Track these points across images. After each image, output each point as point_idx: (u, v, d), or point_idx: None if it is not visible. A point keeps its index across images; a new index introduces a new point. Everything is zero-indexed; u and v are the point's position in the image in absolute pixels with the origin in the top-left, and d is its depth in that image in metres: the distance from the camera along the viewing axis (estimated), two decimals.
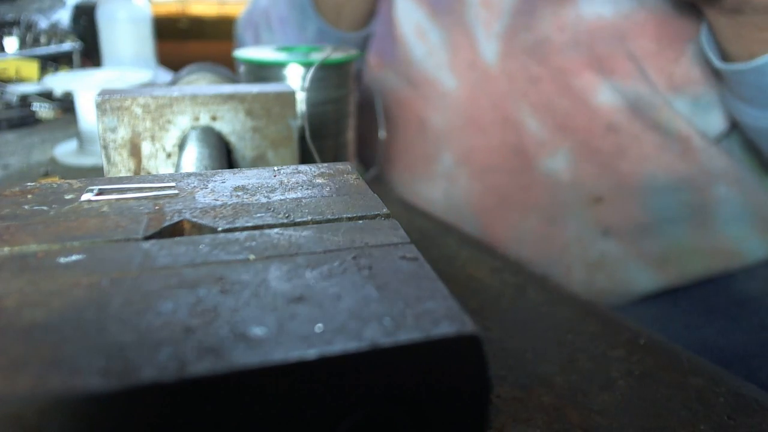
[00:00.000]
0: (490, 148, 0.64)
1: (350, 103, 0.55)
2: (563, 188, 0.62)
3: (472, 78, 0.63)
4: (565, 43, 0.58)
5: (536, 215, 0.64)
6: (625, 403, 0.30)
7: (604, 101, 0.58)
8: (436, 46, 0.65)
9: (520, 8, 0.59)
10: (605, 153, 0.59)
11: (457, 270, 0.45)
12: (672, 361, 0.34)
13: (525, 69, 0.60)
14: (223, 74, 0.63)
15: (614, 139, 0.58)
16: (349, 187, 0.24)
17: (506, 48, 0.60)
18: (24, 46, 1.24)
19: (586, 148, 0.60)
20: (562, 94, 0.59)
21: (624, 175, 0.59)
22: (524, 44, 0.59)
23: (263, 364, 0.13)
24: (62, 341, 0.14)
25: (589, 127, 0.59)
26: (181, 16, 2.31)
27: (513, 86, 0.61)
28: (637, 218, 0.60)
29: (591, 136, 0.59)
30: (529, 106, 0.61)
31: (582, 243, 0.63)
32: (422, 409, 0.14)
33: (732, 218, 0.59)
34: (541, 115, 0.61)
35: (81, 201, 0.22)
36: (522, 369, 0.33)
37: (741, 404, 0.30)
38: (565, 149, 0.61)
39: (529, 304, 0.40)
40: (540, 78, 0.60)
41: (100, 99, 0.35)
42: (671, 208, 0.60)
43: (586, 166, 0.60)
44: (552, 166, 0.62)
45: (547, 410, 0.30)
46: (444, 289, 0.16)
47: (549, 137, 0.61)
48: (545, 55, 0.59)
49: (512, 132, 0.62)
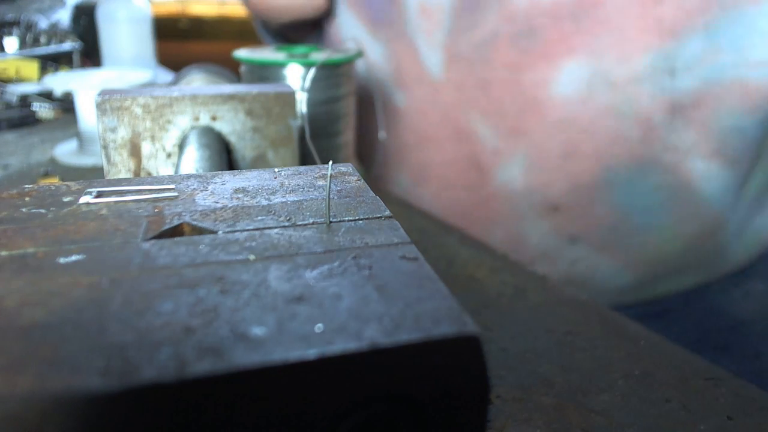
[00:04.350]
0: (445, 163, 0.62)
1: (350, 103, 0.55)
2: (520, 198, 0.60)
3: (420, 92, 0.61)
4: (517, 34, 0.55)
5: (499, 230, 0.61)
6: (625, 403, 0.30)
7: (556, 93, 0.55)
8: (378, 61, 0.63)
9: (462, 7, 0.57)
10: (556, 155, 0.57)
11: (457, 270, 0.45)
12: (672, 361, 0.34)
13: (472, 74, 0.58)
14: (223, 75, 0.63)
15: (565, 136, 0.56)
16: (351, 189, 0.24)
17: (450, 55, 0.58)
18: (24, 46, 1.24)
19: (538, 151, 0.57)
20: (513, 94, 0.57)
21: (577, 177, 0.57)
22: (470, 47, 0.57)
23: (263, 364, 0.13)
24: (62, 341, 0.14)
25: (541, 127, 0.56)
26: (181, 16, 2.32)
27: (461, 95, 0.59)
28: (603, 218, 0.58)
29: (542, 136, 0.57)
30: (479, 113, 0.58)
31: (548, 255, 0.60)
32: (422, 409, 0.14)
33: (720, 193, 0.56)
34: (492, 122, 0.58)
35: (79, 203, 0.22)
36: (522, 369, 0.33)
37: (741, 404, 0.30)
38: (519, 155, 0.58)
39: (529, 304, 0.40)
40: (488, 81, 0.57)
41: (100, 99, 0.35)
42: (641, 196, 0.57)
43: (537, 173, 0.58)
44: (508, 175, 0.59)
45: (547, 410, 0.30)
46: (444, 289, 0.16)
47: (503, 144, 0.58)
48: (493, 54, 0.57)
49: (466, 144, 0.60)
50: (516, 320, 0.38)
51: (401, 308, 0.15)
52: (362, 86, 0.63)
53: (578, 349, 0.35)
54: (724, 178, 0.55)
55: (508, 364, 0.34)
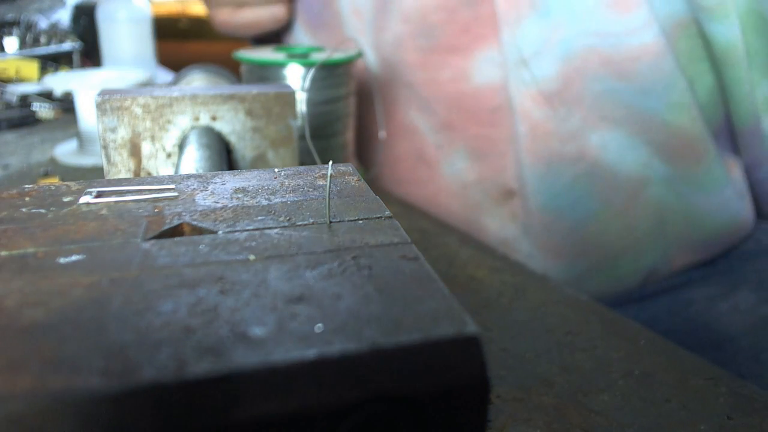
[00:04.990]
0: (399, 160, 0.63)
1: (350, 103, 0.55)
2: (473, 188, 0.59)
3: (369, 91, 0.61)
4: (417, 33, 0.55)
5: (458, 222, 0.61)
6: (625, 403, 0.30)
7: (481, 83, 0.55)
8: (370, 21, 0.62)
9: (376, 8, 0.56)
10: (500, 139, 0.56)
11: (457, 270, 0.45)
12: (672, 361, 0.34)
13: (398, 76, 0.58)
14: (223, 75, 0.63)
15: (503, 121, 0.55)
16: (351, 189, 0.24)
17: (379, 56, 0.58)
18: (24, 46, 1.24)
19: (480, 140, 0.57)
20: (434, 92, 0.57)
21: (519, 160, 0.56)
22: (388, 48, 0.57)
23: (263, 364, 0.13)
24: (62, 341, 0.14)
25: (475, 117, 0.56)
26: (181, 16, 2.31)
27: (398, 93, 0.59)
28: (540, 217, 0.56)
29: (480, 126, 0.56)
30: (415, 110, 0.59)
31: (507, 244, 0.60)
32: (422, 409, 0.14)
33: (623, 152, 0.54)
34: (427, 118, 0.58)
35: (79, 204, 0.22)
36: (522, 369, 0.33)
37: (741, 404, 0.30)
38: (460, 147, 0.58)
39: (529, 304, 0.40)
40: (412, 82, 0.57)
41: (100, 99, 0.35)
42: (566, 190, 0.55)
43: (486, 159, 0.57)
44: (455, 167, 0.59)
45: (547, 410, 0.30)
46: (444, 289, 0.16)
47: (443, 139, 0.58)
48: (404, 56, 0.56)
49: (412, 140, 0.61)
50: (516, 320, 0.38)
51: (401, 308, 0.15)
52: (362, 86, 0.63)
53: (578, 349, 0.35)
54: (619, 140, 0.54)
55: (508, 364, 0.34)
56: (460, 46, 0.54)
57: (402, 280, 0.17)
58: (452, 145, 0.58)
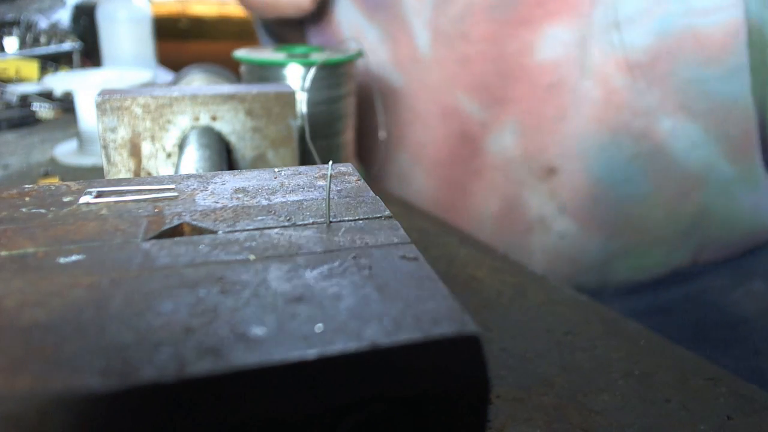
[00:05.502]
0: (436, 141, 0.63)
1: (350, 103, 0.55)
2: (516, 165, 0.59)
3: (413, 72, 0.62)
4: (493, 4, 0.55)
5: (494, 199, 0.61)
6: (625, 403, 0.30)
7: (543, 58, 0.55)
8: (375, 44, 0.63)
9: None
10: (549, 117, 0.56)
11: (457, 270, 0.45)
12: (672, 361, 0.34)
13: (452, 51, 0.58)
14: (223, 75, 0.63)
15: (557, 99, 0.55)
16: (351, 189, 0.24)
17: (434, 32, 0.59)
18: (24, 46, 1.24)
19: (531, 116, 0.57)
20: (494, 66, 0.57)
21: (567, 138, 0.56)
22: (449, 23, 0.57)
23: (263, 364, 0.13)
24: (62, 341, 0.14)
25: (530, 93, 0.56)
26: (181, 16, 2.31)
27: (444, 73, 0.59)
28: (588, 188, 0.57)
29: (533, 102, 0.56)
30: (462, 89, 0.59)
31: (544, 222, 0.60)
32: (422, 409, 0.14)
33: (693, 147, 0.54)
34: (476, 95, 0.59)
35: (79, 203, 0.22)
36: (522, 369, 0.33)
37: (741, 404, 0.30)
38: (509, 123, 0.58)
39: (529, 304, 0.40)
40: (468, 57, 0.57)
41: (100, 99, 0.35)
42: (621, 167, 0.56)
43: (533, 136, 0.58)
44: (500, 144, 0.59)
45: (547, 410, 0.30)
46: (444, 289, 0.16)
47: (489, 116, 0.59)
48: (471, 28, 0.56)
49: (453, 120, 0.61)
50: (516, 320, 0.38)
51: (401, 308, 0.15)
52: (362, 86, 0.63)
53: (578, 349, 0.35)
54: (692, 133, 0.54)
55: (508, 364, 0.34)
56: (532, 19, 0.54)
57: (402, 280, 0.17)
58: (500, 122, 0.59)
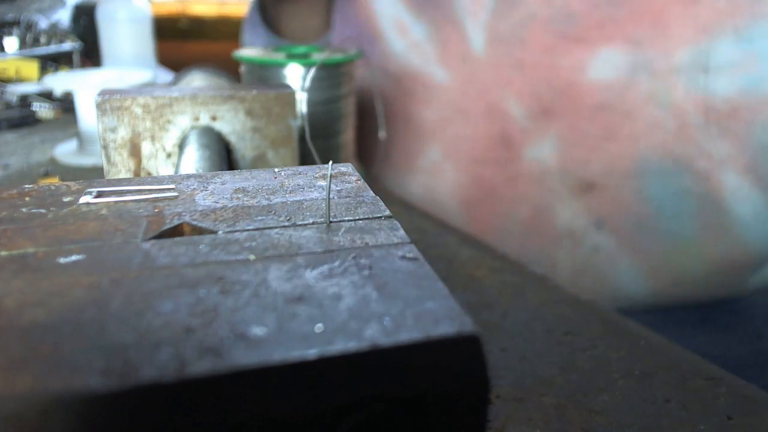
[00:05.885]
0: (476, 138, 0.63)
1: (350, 103, 0.55)
2: (552, 176, 0.60)
3: (462, 69, 0.62)
4: (554, 17, 0.56)
5: (524, 207, 0.62)
6: (625, 403, 0.30)
7: (595, 78, 0.56)
8: (420, 40, 0.64)
9: None
10: (594, 135, 0.57)
11: (457, 270, 0.45)
12: (672, 361, 0.34)
13: (509, 55, 0.59)
14: (223, 77, 0.63)
15: (604, 119, 0.56)
16: (351, 189, 0.24)
17: (492, 35, 0.59)
18: (24, 46, 1.24)
19: (574, 132, 0.58)
20: (547, 77, 0.58)
21: (615, 158, 0.57)
22: (509, 28, 0.58)
23: (263, 364, 0.13)
24: (62, 341, 0.14)
25: (577, 109, 0.57)
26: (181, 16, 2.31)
27: (498, 74, 0.60)
28: (634, 207, 0.57)
29: (579, 119, 0.57)
30: (513, 93, 0.60)
31: (574, 236, 0.60)
32: (422, 409, 0.14)
33: (750, 216, 0.54)
34: (526, 102, 0.59)
35: (79, 203, 0.22)
36: (522, 369, 0.33)
37: (741, 404, 0.30)
38: (551, 135, 0.59)
39: (529, 304, 0.40)
40: (524, 63, 0.58)
41: (100, 99, 0.35)
42: (672, 198, 0.56)
43: (574, 151, 0.58)
44: (539, 153, 0.60)
45: (547, 410, 0.30)
46: (444, 289, 0.16)
47: (534, 124, 0.59)
48: (530, 36, 0.57)
49: (498, 121, 0.61)
50: (516, 320, 0.38)
51: (401, 308, 0.15)
52: (362, 86, 0.63)
53: (578, 349, 0.35)
54: (755, 201, 0.54)
55: (508, 364, 0.34)
56: (588, 39, 0.55)
57: (402, 280, 0.17)
58: (543, 131, 0.59)
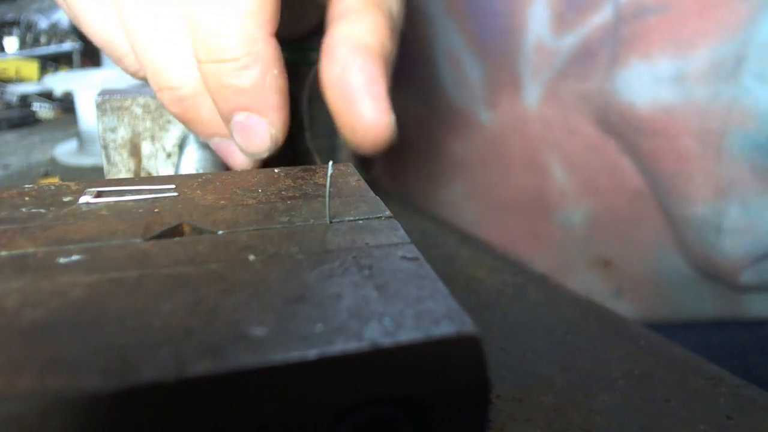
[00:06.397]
0: (508, 186, 0.63)
1: None
2: (574, 244, 0.61)
3: (510, 116, 0.61)
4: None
5: (541, 264, 0.62)
6: (625, 403, 0.30)
7: (634, 172, 0.57)
8: (471, 77, 0.62)
9: (578, 59, 0.57)
10: (626, 221, 0.58)
11: (457, 270, 0.45)
12: (672, 361, 0.34)
13: (565, 118, 0.58)
14: None
15: (637, 207, 0.57)
16: (351, 189, 0.24)
17: (550, 94, 0.59)
18: (24, 46, 1.24)
19: (608, 213, 0.58)
20: (596, 151, 0.58)
21: (638, 243, 0.58)
22: (571, 93, 0.58)
23: (263, 364, 0.13)
24: (62, 341, 0.14)
25: (617, 192, 0.57)
26: None
27: (549, 133, 0.59)
28: (649, 279, 0.59)
29: (616, 202, 0.58)
30: (560, 156, 0.59)
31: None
32: (422, 409, 0.14)
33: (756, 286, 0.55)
34: (570, 168, 0.59)
35: (79, 203, 0.22)
36: (522, 369, 0.33)
37: (741, 404, 0.30)
38: (586, 207, 0.59)
39: (529, 304, 0.40)
40: (578, 131, 0.58)
41: (100, 99, 0.35)
42: (682, 269, 0.58)
43: (603, 230, 0.59)
44: (568, 220, 0.60)
45: (547, 410, 0.30)
46: (444, 289, 0.16)
47: (573, 191, 0.60)
48: (589, 115, 0.58)
49: (537, 177, 0.61)
50: (516, 320, 0.38)
51: (401, 308, 0.15)
52: None
53: (578, 349, 0.35)
54: None
55: (508, 364, 0.34)
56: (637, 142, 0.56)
57: (402, 280, 0.17)
58: (578, 201, 0.60)
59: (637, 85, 0.52)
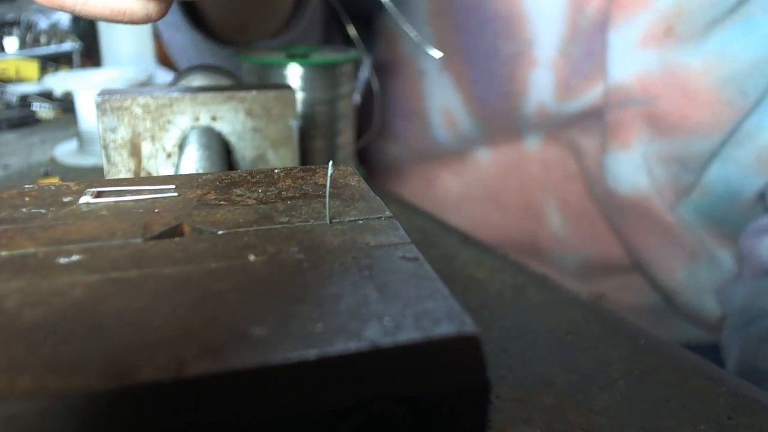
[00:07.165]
0: (503, 226, 0.63)
1: (350, 103, 0.55)
2: (568, 279, 0.61)
3: (508, 156, 0.61)
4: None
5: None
6: (625, 403, 0.30)
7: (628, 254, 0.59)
8: (468, 135, 0.61)
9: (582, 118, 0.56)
10: (620, 267, 0.59)
11: (457, 270, 0.45)
12: (672, 361, 0.34)
13: (564, 164, 0.59)
14: (224, 74, 0.63)
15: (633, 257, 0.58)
16: (351, 189, 0.24)
17: (550, 139, 0.59)
18: (24, 46, 1.24)
19: (602, 263, 0.59)
20: (591, 207, 0.58)
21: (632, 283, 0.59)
22: (572, 142, 0.58)
23: (263, 364, 0.13)
24: (62, 341, 0.14)
25: (612, 242, 0.58)
26: None
27: (547, 177, 0.60)
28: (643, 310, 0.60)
29: (610, 253, 0.58)
30: (557, 200, 0.60)
31: None
32: (422, 409, 0.14)
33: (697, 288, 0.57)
34: (566, 213, 0.60)
35: (79, 203, 0.22)
36: (522, 369, 0.33)
37: (741, 404, 0.30)
38: (580, 254, 0.60)
39: (529, 304, 0.40)
40: (576, 178, 0.58)
41: (100, 99, 0.35)
42: None
43: (598, 272, 0.60)
44: (561, 261, 0.61)
45: (547, 410, 0.30)
46: (444, 289, 0.16)
47: (567, 238, 0.60)
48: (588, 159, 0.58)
49: (532, 220, 0.61)
50: (516, 320, 0.38)
51: (401, 308, 0.15)
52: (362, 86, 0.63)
53: (578, 349, 0.35)
54: None
55: (508, 364, 0.34)
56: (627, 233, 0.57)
57: (402, 280, 0.17)
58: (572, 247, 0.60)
59: (618, 172, 0.54)
